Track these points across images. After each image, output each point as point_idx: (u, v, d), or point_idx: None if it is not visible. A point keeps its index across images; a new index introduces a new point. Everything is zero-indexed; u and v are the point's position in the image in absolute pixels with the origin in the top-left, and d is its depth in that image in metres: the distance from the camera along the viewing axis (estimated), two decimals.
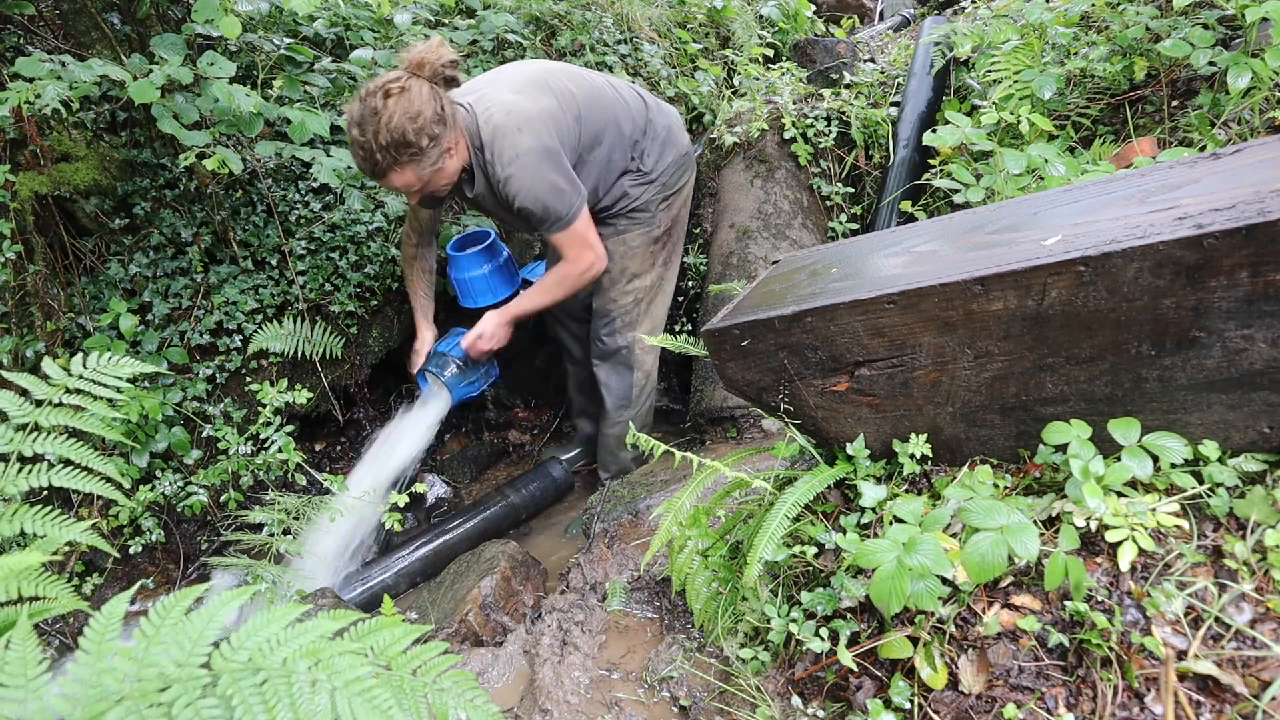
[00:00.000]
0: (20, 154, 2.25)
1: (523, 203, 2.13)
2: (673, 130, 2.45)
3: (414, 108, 1.93)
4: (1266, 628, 0.98)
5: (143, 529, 2.32)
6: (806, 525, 1.40)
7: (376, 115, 1.92)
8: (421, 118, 1.94)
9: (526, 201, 2.13)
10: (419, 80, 1.97)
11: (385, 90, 1.93)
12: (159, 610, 0.84)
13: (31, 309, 2.19)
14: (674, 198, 2.49)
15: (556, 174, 2.14)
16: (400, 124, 1.92)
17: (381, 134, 1.92)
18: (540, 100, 2.16)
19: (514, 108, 2.11)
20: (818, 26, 4.60)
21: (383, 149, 1.94)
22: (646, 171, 2.39)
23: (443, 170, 2.06)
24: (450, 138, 2.03)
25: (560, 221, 2.18)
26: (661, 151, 2.41)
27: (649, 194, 2.41)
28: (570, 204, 2.17)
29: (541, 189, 2.12)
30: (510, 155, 2.09)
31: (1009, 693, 1.09)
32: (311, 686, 0.79)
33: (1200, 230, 0.96)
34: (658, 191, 2.43)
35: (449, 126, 2.01)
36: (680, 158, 2.46)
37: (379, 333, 2.88)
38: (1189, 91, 2.24)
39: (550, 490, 2.82)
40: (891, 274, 1.28)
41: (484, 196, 2.25)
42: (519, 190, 2.11)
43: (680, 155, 2.46)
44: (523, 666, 1.75)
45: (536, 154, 2.10)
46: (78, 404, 1.26)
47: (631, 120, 2.35)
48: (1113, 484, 1.10)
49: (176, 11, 2.47)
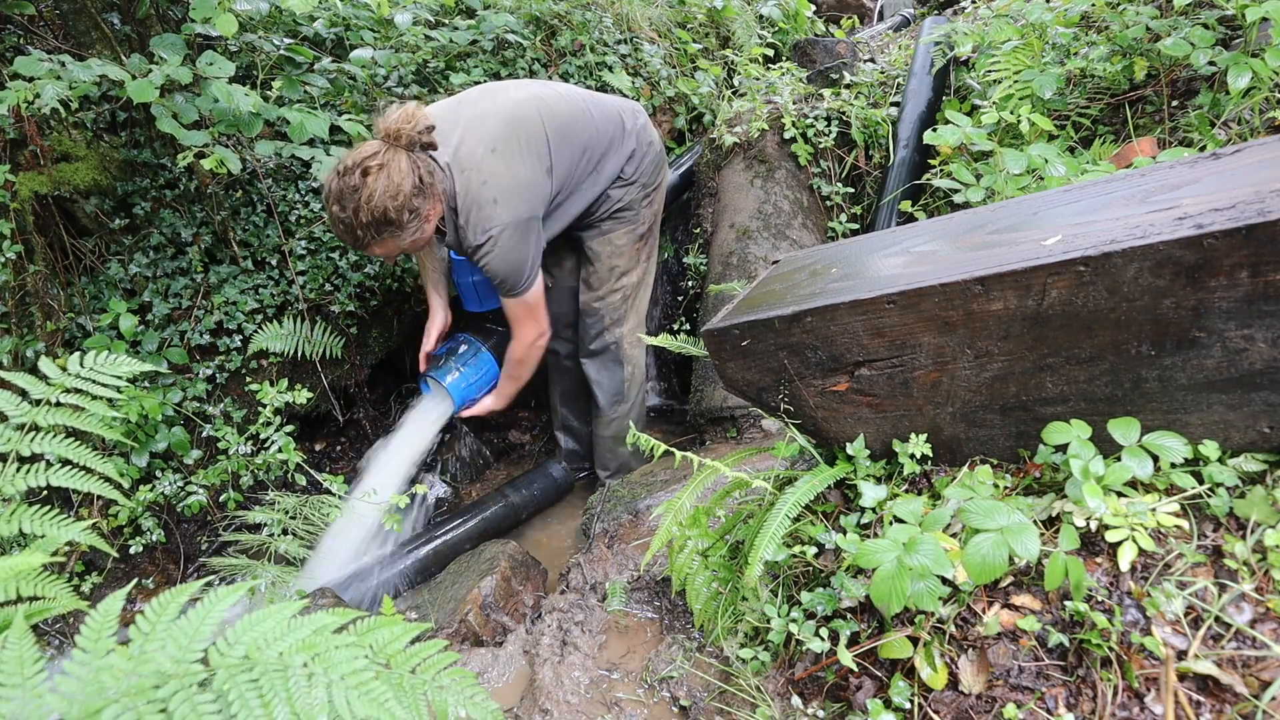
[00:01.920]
0: (20, 154, 2.25)
1: (490, 269, 2.19)
2: (647, 129, 2.48)
3: (393, 184, 1.92)
4: (1266, 628, 0.97)
5: (143, 529, 2.32)
6: (806, 525, 1.40)
7: (356, 193, 1.91)
8: (401, 194, 1.93)
9: (493, 268, 2.18)
10: (396, 152, 1.94)
11: (364, 168, 1.91)
12: (155, 607, 0.84)
13: (31, 309, 2.19)
14: (654, 194, 2.53)
15: (525, 249, 2.18)
16: (381, 202, 1.91)
17: (362, 212, 1.91)
18: (515, 166, 2.14)
19: (490, 176, 2.11)
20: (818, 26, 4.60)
21: (364, 226, 1.94)
22: (627, 177, 2.42)
23: (421, 236, 2.08)
24: (430, 206, 2.03)
25: (516, 290, 2.24)
26: (642, 156, 2.43)
27: (631, 194, 2.44)
28: (530, 278, 2.23)
29: (509, 262, 2.17)
30: (483, 228, 2.11)
31: (1009, 693, 1.09)
32: (308, 681, 0.78)
33: (1200, 230, 0.96)
34: (639, 191, 2.46)
35: (428, 197, 2.01)
36: (656, 156, 2.50)
37: (379, 333, 2.88)
38: (1189, 91, 2.24)
39: (551, 490, 2.82)
40: (891, 274, 1.28)
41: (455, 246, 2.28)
42: (488, 260, 2.16)
43: (656, 154, 2.50)
44: (523, 666, 1.75)
45: (510, 229, 2.12)
46: (76, 404, 1.26)
47: (609, 139, 2.36)
48: (1113, 484, 1.10)
49: (176, 11, 2.47)
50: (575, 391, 2.85)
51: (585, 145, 2.29)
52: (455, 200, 2.12)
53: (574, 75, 3.24)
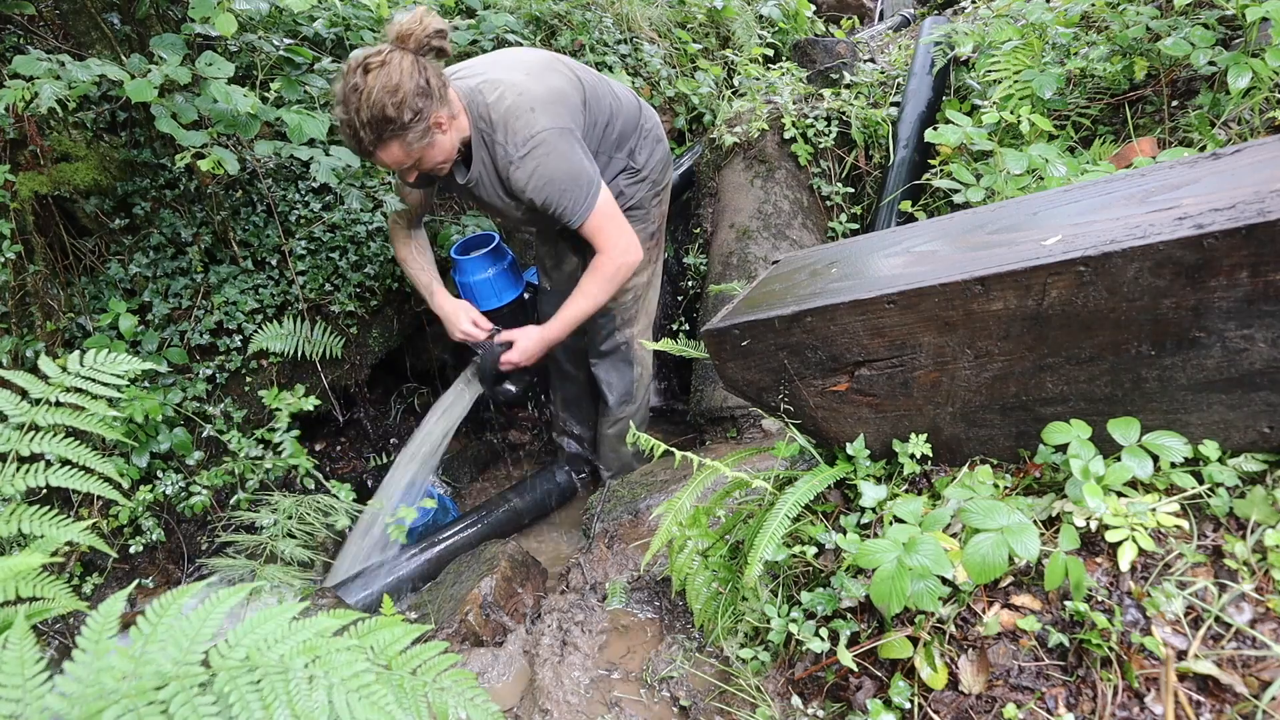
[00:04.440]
0: (20, 154, 2.25)
1: (536, 191, 2.03)
2: (658, 128, 2.48)
3: (393, 81, 1.85)
4: (1266, 628, 0.97)
5: (143, 529, 2.32)
6: (806, 525, 1.40)
7: (357, 91, 1.85)
8: (401, 90, 1.85)
9: (540, 187, 2.02)
10: (401, 53, 1.88)
11: (365, 65, 1.86)
12: (156, 608, 0.84)
13: (31, 309, 2.19)
14: (663, 193, 2.52)
15: (575, 156, 2.04)
16: (380, 99, 1.84)
17: (363, 110, 1.86)
18: (552, 81, 2.10)
19: (526, 89, 2.05)
20: (818, 26, 4.59)
21: (364, 125, 1.88)
22: (638, 169, 2.39)
23: (434, 145, 1.98)
24: (441, 112, 1.94)
25: (582, 204, 2.07)
26: (652, 149, 2.42)
27: (642, 192, 2.42)
28: (595, 185, 2.08)
29: (563, 172, 2.02)
30: (525, 136, 2.01)
31: (1009, 693, 1.09)
32: (309, 683, 0.78)
33: (1200, 230, 0.96)
34: (649, 189, 2.44)
35: (436, 99, 1.92)
36: (665, 155, 2.49)
37: (379, 333, 2.88)
38: (1189, 91, 2.24)
39: (554, 495, 2.82)
40: (891, 274, 1.28)
41: (481, 182, 2.15)
42: (533, 174, 2.02)
43: (665, 153, 2.49)
44: (523, 666, 1.75)
45: (554, 133, 2.02)
46: (76, 403, 1.26)
47: (624, 116, 2.34)
48: (1113, 484, 1.10)
49: (176, 11, 2.47)
50: (578, 396, 2.84)
51: (609, 114, 2.27)
52: (489, 119, 2.03)
53: None
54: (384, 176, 2.76)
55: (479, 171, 2.13)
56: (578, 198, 2.06)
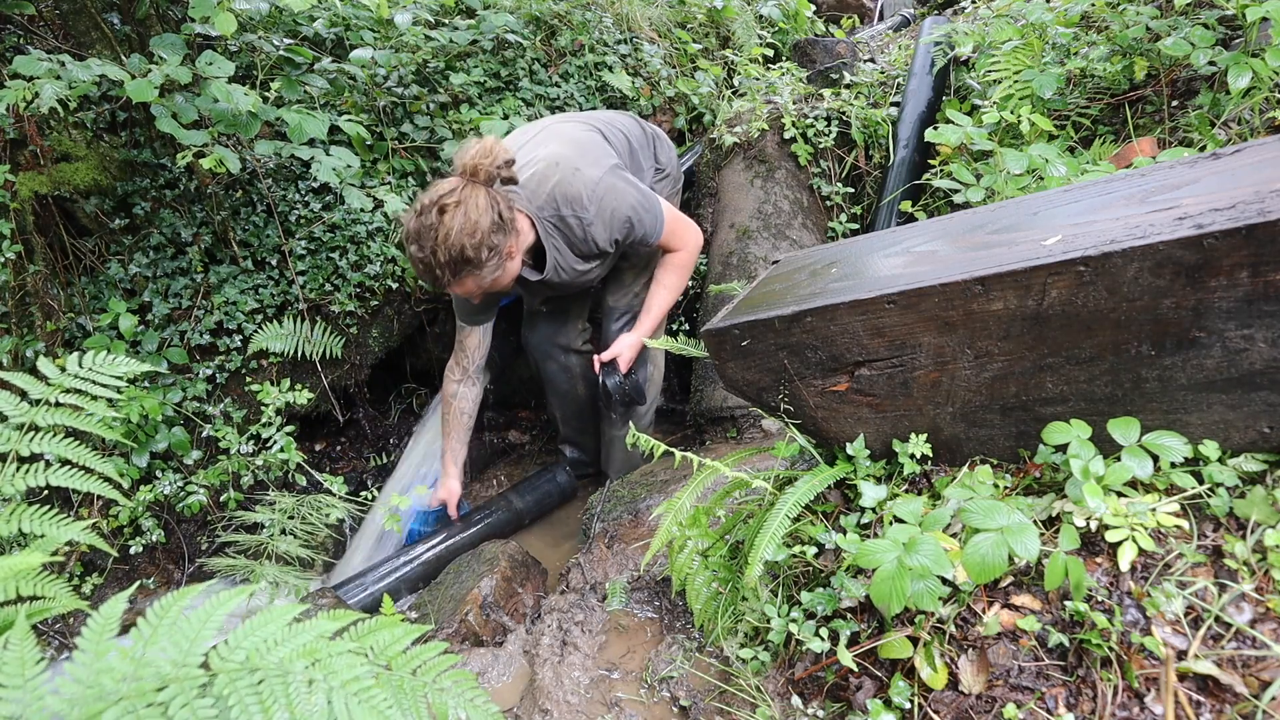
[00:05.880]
0: (20, 154, 2.25)
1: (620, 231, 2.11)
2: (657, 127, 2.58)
3: (470, 221, 1.87)
4: (1266, 627, 0.97)
5: (143, 529, 2.32)
6: (806, 525, 1.40)
7: (433, 231, 1.87)
8: (479, 231, 1.88)
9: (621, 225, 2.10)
10: (474, 188, 1.90)
11: (440, 206, 1.87)
12: (156, 610, 0.84)
13: (31, 309, 2.19)
14: (678, 188, 2.61)
15: (630, 187, 2.13)
16: (458, 240, 1.86)
17: (440, 251, 1.87)
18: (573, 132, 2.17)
19: (561, 155, 2.09)
20: (818, 26, 4.59)
21: (442, 266, 1.89)
22: (663, 167, 2.48)
23: (504, 273, 2.02)
24: (510, 242, 1.98)
25: (657, 225, 2.17)
26: (666, 146, 2.52)
27: (667, 189, 2.51)
28: (654, 205, 2.17)
29: (628, 206, 2.11)
30: (586, 194, 2.06)
31: (1009, 693, 1.09)
32: (308, 686, 0.78)
33: (1200, 230, 0.96)
34: (672, 186, 2.53)
35: (508, 232, 1.96)
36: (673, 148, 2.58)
37: (379, 333, 2.88)
38: (1189, 91, 2.24)
39: (554, 495, 2.82)
40: (891, 274, 1.28)
41: (559, 267, 2.19)
42: (611, 217, 2.09)
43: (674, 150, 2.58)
44: (523, 666, 1.75)
45: (607, 174, 2.09)
46: (75, 404, 1.26)
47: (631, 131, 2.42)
48: (1113, 484, 1.10)
49: (176, 11, 2.47)
50: (580, 410, 2.86)
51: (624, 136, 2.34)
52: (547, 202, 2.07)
53: (574, 75, 3.24)
54: (384, 176, 2.76)
55: (554, 261, 2.17)
56: (652, 219, 2.16)
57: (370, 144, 2.76)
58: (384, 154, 2.81)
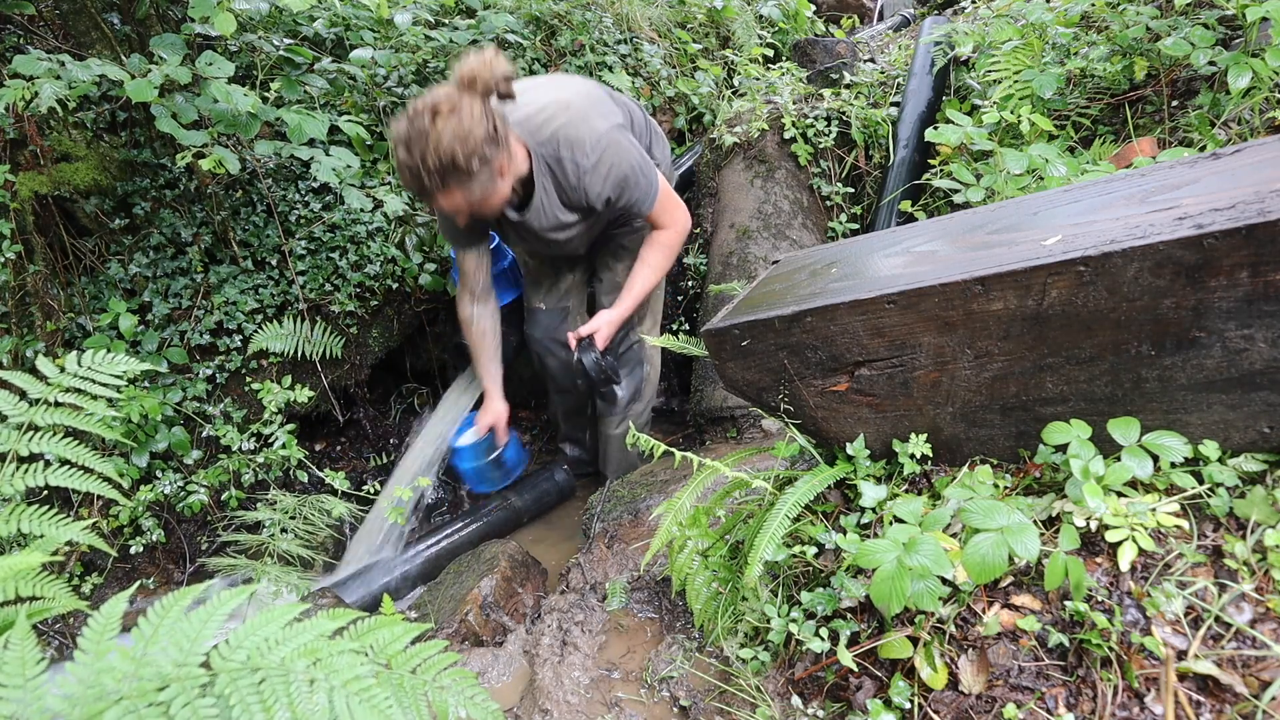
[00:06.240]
0: (20, 154, 2.25)
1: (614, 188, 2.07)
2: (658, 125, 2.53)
3: (464, 128, 1.80)
4: (1266, 627, 0.97)
5: (143, 529, 2.32)
6: (806, 525, 1.40)
7: (424, 136, 1.80)
8: (472, 139, 1.82)
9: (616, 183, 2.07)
10: (470, 97, 1.84)
11: (434, 110, 1.80)
12: (158, 610, 0.84)
13: (31, 309, 2.19)
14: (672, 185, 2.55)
15: (634, 148, 2.10)
16: (450, 146, 1.80)
17: (429, 156, 1.81)
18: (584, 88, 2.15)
19: (572, 102, 2.06)
20: (818, 26, 4.59)
21: (430, 172, 1.83)
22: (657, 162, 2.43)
23: (493, 191, 1.96)
24: (502, 157, 1.92)
25: (651, 192, 2.13)
26: (662, 143, 2.47)
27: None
28: (653, 169, 2.15)
29: (630, 166, 2.07)
30: (590, 142, 2.02)
31: (1009, 693, 1.09)
32: (310, 686, 0.78)
33: (1200, 230, 0.96)
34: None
35: (501, 146, 1.90)
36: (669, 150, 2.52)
37: (379, 333, 2.88)
38: (1189, 91, 2.24)
39: (553, 494, 2.82)
40: (891, 274, 1.28)
41: (541, 210, 2.15)
42: (609, 172, 2.05)
43: (669, 148, 2.52)
44: (523, 666, 1.75)
45: (615, 130, 2.06)
46: (75, 403, 1.26)
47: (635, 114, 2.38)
48: (1113, 484, 1.10)
49: (176, 11, 2.47)
50: (579, 407, 2.86)
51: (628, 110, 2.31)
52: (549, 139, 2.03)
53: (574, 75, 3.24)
54: (384, 176, 2.76)
55: (540, 201, 2.13)
56: (647, 186, 2.13)
57: (370, 144, 2.76)
58: (384, 154, 2.81)
